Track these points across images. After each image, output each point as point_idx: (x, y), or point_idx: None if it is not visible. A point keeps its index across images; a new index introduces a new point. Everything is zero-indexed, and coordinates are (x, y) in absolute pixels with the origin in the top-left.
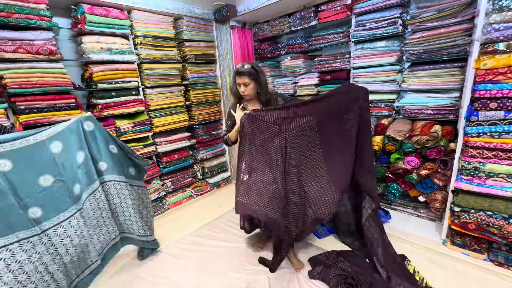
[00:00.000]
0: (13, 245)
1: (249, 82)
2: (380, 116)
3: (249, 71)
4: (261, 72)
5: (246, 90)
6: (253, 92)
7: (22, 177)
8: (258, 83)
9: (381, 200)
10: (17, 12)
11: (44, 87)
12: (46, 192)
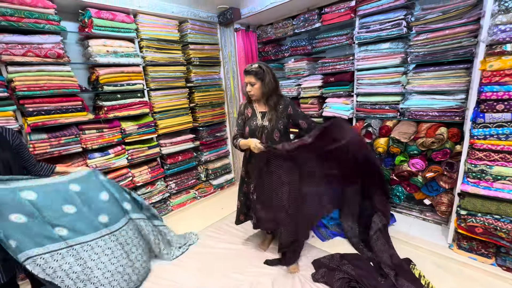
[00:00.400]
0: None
1: (255, 82)
2: (385, 118)
3: (255, 71)
4: (268, 72)
5: (252, 89)
6: (259, 92)
7: (46, 204)
8: (263, 83)
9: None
10: (26, 16)
11: (52, 89)
12: (70, 217)
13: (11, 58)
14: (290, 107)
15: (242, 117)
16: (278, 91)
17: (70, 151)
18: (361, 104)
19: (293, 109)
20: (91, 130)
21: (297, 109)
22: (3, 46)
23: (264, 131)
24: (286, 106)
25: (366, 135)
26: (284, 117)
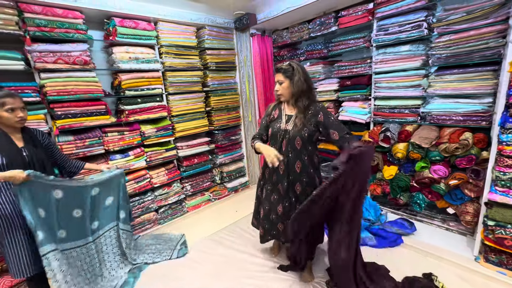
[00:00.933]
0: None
1: (283, 80)
2: (404, 122)
3: (284, 68)
4: (298, 71)
5: (279, 89)
6: (286, 92)
7: (64, 206)
8: (292, 82)
9: (406, 210)
10: (58, 27)
11: (78, 94)
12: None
13: (43, 65)
14: (321, 114)
15: (267, 118)
16: (310, 94)
17: (93, 152)
18: (379, 108)
19: (324, 116)
20: (113, 132)
21: (329, 117)
22: (37, 55)
23: (286, 136)
24: (317, 112)
25: (384, 140)
26: (312, 124)
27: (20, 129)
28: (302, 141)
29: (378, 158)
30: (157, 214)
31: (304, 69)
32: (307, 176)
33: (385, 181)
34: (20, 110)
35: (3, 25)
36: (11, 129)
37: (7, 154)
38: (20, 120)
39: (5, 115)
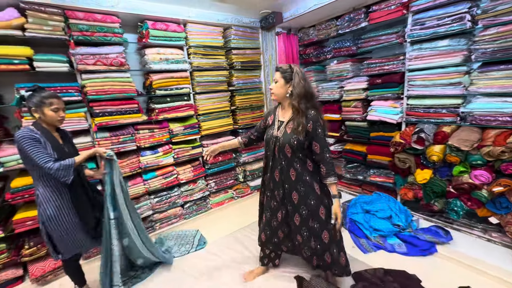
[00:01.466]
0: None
1: (278, 80)
2: (441, 123)
3: (284, 68)
4: (298, 74)
5: (273, 87)
6: (279, 92)
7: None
8: (290, 85)
9: (441, 218)
10: (97, 31)
11: (114, 93)
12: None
13: (85, 67)
14: (310, 123)
15: (263, 122)
16: (308, 100)
17: (126, 148)
18: (412, 108)
19: (313, 126)
20: (144, 130)
21: (317, 128)
22: (79, 57)
23: (277, 143)
24: (307, 121)
25: (418, 142)
26: (302, 133)
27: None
28: (291, 149)
29: (410, 161)
30: (182, 209)
31: (304, 74)
32: (303, 184)
33: (417, 185)
34: (62, 111)
35: (52, 31)
36: (51, 128)
37: (58, 150)
38: (62, 119)
39: (50, 114)
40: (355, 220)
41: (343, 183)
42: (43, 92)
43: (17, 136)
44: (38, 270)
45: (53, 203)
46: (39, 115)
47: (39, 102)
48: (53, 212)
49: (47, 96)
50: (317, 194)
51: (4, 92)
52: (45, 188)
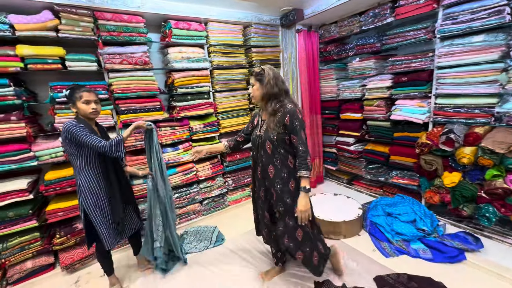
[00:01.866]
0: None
1: (254, 83)
2: (473, 123)
3: (256, 72)
4: (268, 74)
5: (251, 91)
6: (256, 94)
7: None
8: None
9: (470, 224)
10: (124, 31)
11: (138, 92)
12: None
13: (112, 66)
14: (287, 117)
15: (250, 124)
16: (280, 96)
17: None
18: (441, 107)
19: (290, 119)
20: (166, 127)
21: (294, 121)
22: (106, 57)
23: (259, 141)
24: (284, 114)
25: (446, 143)
26: (280, 127)
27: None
28: (272, 144)
29: (437, 163)
30: (201, 205)
31: (276, 73)
32: (281, 181)
33: (444, 189)
34: (94, 103)
35: (82, 32)
36: (90, 121)
37: None
38: (94, 111)
39: (82, 106)
40: (376, 223)
41: (362, 184)
42: (77, 87)
43: (67, 126)
44: (67, 258)
45: (92, 192)
46: (75, 109)
47: (72, 97)
48: (93, 201)
49: (78, 90)
50: (292, 192)
51: (38, 90)
52: (86, 178)
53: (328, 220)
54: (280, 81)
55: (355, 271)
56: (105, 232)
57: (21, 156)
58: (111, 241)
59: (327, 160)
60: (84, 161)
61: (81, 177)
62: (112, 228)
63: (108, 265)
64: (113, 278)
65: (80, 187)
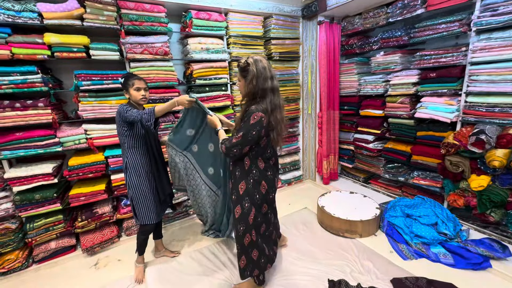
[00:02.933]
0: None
1: (239, 78)
2: (507, 124)
3: (241, 66)
4: (252, 71)
5: (238, 85)
6: (242, 90)
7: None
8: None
9: (496, 230)
10: (146, 20)
11: (158, 82)
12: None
13: (133, 55)
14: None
15: None
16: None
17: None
18: (471, 106)
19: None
20: None
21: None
22: (128, 46)
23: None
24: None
25: (476, 144)
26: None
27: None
28: None
29: (465, 165)
30: None
31: (261, 68)
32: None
33: (470, 192)
34: (144, 90)
35: (106, 21)
36: (139, 107)
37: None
38: (143, 97)
39: (134, 93)
40: (394, 224)
41: (380, 184)
42: (130, 76)
43: (119, 108)
44: (88, 241)
45: (136, 171)
46: (128, 95)
47: (125, 84)
48: (136, 179)
49: (130, 78)
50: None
51: (63, 78)
52: (131, 157)
53: (344, 219)
54: (262, 78)
55: (371, 271)
56: (144, 209)
57: (47, 141)
58: (153, 217)
59: (343, 157)
60: (132, 141)
61: (128, 155)
62: (154, 204)
63: (144, 244)
64: (141, 258)
65: (126, 164)
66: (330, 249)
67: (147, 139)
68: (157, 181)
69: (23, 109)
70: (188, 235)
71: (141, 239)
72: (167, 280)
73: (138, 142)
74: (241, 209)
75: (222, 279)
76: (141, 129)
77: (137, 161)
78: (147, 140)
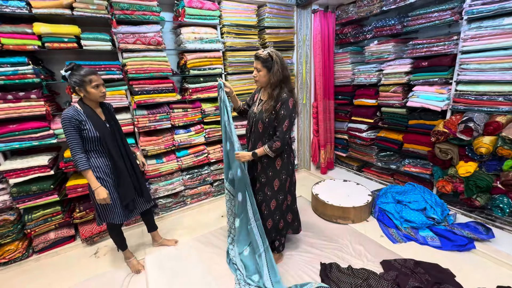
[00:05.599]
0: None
1: (261, 69)
2: (495, 112)
3: (264, 58)
4: (277, 62)
5: (256, 76)
6: (264, 80)
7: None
8: (270, 73)
9: (481, 214)
10: (137, 9)
11: (152, 72)
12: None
13: (125, 46)
14: (279, 104)
15: (249, 99)
16: (286, 84)
17: (162, 126)
18: (461, 94)
19: (280, 107)
20: (179, 109)
21: (283, 110)
22: (120, 36)
23: (254, 118)
24: (277, 101)
25: (464, 132)
26: (272, 111)
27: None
28: (263, 125)
29: (453, 152)
30: (212, 187)
31: (282, 59)
32: (266, 157)
33: (458, 178)
34: (102, 86)
35: (96, 10)
36: (94, 104)
37: (100, 128)
38: (103, 95)
39: (92, 91)
40: (385, 210)
41: (372, 172)
42: (81, 70)
43: (62, 116)
44: (87, 231)
45: (95, 174)
46: (83, 93)
47: (80, 81)
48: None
49: (86, 74)
50: (276, 169)
51: (55, 69)
52: (90, 160)
53: (337, 205)
54: (285, 68)
55: (362, 254)
56: (106, 209)
57: (41, 133)
58: (117, 216)
59: (338, 146)
60: (86, 145)
61: (88, 157)
62: (117, 208)
63: (119, 241)
64: (127, 253)
65: None
66: (323, 234)
67: (103, 142)
68: (118, 185)
69: (15, 101)
70: (185, 223)
71: (114, 238)
72: (166, 267)
73: (92, 145)
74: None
75: (220, 265)
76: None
77: (95, 164)
78: (104, 143)
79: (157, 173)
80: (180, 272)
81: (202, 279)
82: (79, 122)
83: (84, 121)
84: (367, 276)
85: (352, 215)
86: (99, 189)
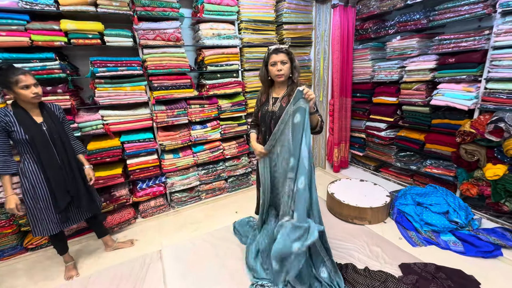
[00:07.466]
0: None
1: (287, 61)
2: None
3: (287, 50)
4: (294, 56)
5: (283, 68)
6: (287, 73)
7: None
8: (293, 66)
9: (510, 219)
10: (157, 6)
11: (170, 68)
12: None
13: (146, 42)
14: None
15: (258, 103)
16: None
17: (179, 121)
18: (491, 92)
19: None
20: (196, 105)
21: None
22: (141, 32)
23: (273, 117)
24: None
25: (494, 132)
26: None
27: (38, 105)
28: None
29: (480, 154)
30: (226, 183)
31: None
32: None
33: (485, 182)
34: (34, 86)
35: (119, 7)
36: (30, 106)
37: (29, 130)
38: (36, 96)
39: (22, 92)
40: (404, 212)
41: (391, 172)
42: (9, 70)
43: None
44: (107, 222)
45: (28, 179)
46: (13, 95)
47: (6, 82)
48: (27, 187)
49: (11, 74)
50: None
51: (79, 64)
52: (23, 163)
53: (354, 205)
54: None
55: (379, 256)
56: (39, 219)
57: None
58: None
59: (354, 145)
60: (17, 147)
61: (21, 161)
62: (50, 215)
63: (58, 245)
64: (66, 257)
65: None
66: (338, 234)
67: (33, 146)
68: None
69: (43, 95)
70: (200, 218)
71: (54, 245)
72: (182, 259)
73: (23, 148)
74: None
75: (234, 259)
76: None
77: (28, 168)
78: (34, 147)
79: (174, 167)
80: (195, 264)
81: (217, 272)
82: (6, 124)
83: (12, 122)
84: (385, 279)
85: (369, 216)
86: (9, 197)
